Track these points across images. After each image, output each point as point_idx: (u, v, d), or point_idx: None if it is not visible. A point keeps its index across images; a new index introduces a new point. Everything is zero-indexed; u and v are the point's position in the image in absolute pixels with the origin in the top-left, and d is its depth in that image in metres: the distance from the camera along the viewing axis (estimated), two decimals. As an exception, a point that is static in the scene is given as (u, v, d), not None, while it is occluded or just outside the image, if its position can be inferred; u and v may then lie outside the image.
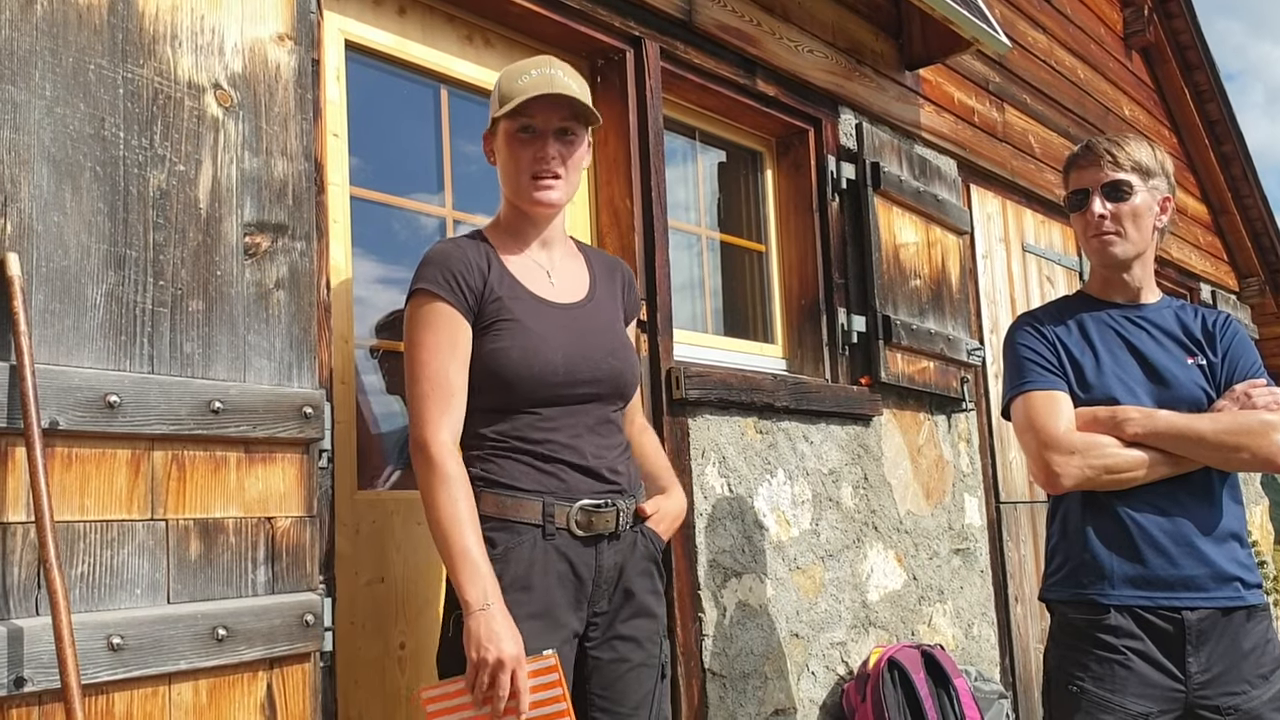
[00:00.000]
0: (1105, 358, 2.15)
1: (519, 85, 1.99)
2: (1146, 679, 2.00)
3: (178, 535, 1.82)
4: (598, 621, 1.99)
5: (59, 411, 1.67)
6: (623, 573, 2.01)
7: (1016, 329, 2.24)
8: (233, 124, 1.98)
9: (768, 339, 3.69)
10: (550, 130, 2.01)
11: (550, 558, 1.91)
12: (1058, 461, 2.05)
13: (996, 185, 4.81)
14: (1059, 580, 2.14)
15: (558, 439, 1.96)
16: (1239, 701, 2.00)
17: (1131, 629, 2.02)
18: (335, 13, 2.44)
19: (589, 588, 1.96)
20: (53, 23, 1.76)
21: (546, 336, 1.97)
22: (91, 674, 1.66)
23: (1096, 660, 2.03)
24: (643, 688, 2.02)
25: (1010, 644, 4.30)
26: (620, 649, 2.00)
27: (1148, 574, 2.03)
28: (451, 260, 1.97)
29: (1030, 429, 2.10)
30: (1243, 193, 7.39)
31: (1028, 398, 2.13)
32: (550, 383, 1.95)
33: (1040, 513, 4.65)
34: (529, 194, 2.02)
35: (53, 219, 1.72)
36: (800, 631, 3.26)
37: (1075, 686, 2.04)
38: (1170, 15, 6.68)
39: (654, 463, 2.25)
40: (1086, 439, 2.06)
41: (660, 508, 2.13)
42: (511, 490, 1.92)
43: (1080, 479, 2.05)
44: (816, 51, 3.72)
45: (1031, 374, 2.15)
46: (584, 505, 1.95)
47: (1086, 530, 2.09)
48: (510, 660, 1.77)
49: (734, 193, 3.77)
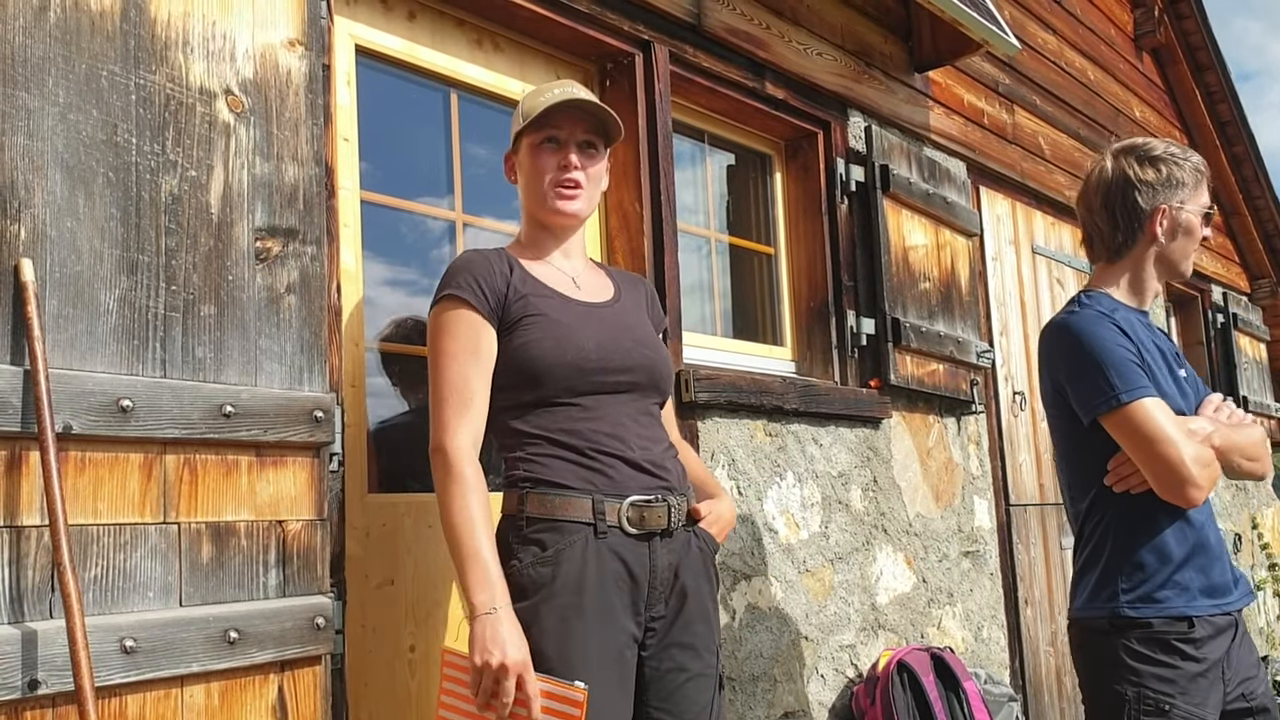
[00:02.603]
0: (1156, 365, 2.10)
1: (542, 100, 2.02)
2: (1215, 686, 2.02)
3: (190, 538, 1.83)
4: (655, 628, 1.93)
5: (72, 416, 1.68)
6: (678, 574, 1.96)
7: (1094, 323, 2.07)
8: (244, 129, 1.99)
9: (777, 342, 3.69)
10: (573, 141, 2.04)
11: (604, 557, 1.87)
12: (1200, 475, 1.98)
13: (1006, 187, 4.80)
14: (1140, 596, 2.03)
15: (600, 428, 1.92)
16: (1254, 686, 2.07)
17: (1208, 639, 2.02)
18: (345, 18, 2.45)
19: (644, 590, 1.91)
20: (66, 30, 1.77)
21: (576, 327, 1.96)
22: (105, 676, 1.67)
23: (1185, 675, 1.99)
24: (702, 698, 1.95)
25: (1020, 647, 4.29)
26: (678, 658, 1.94)
27: (1213, 582, 2.04)
28: (475, 266, 1.98)
29: (1161, 439, 1.97)
30: (1254, 194, 7.37)
31: (1146, 405, 1.99)
32: (585, 369, 1.93)
33: (1050, 515, 4.64)
34: (552, 203, 2.03)
35: (66, 225, 1.74)
36: (809, 634, 3.26)
37: (1167, 704, 1.97)
38: (1181, 16, 6.66)
39: (697, 473, 2.22)
40: (1202, 450, 2.01)
41: (714, 509, 2.10)
42: (558, 488, 1.89)
43: (1209, 491, 2.02)
44: (825, 54, 3.72)
45: (1137, 377, 2.01)
46: (634, 501, 1.90)
47: (1166, 543, 2.03)
48: (513, 666, 1.74)
49: (743, 195, 3.77)
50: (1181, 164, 2.14)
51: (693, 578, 1.98)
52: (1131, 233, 2.15)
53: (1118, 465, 2.06)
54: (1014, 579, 4.33)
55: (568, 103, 2.01)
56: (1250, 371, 7.14)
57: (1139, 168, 2.13)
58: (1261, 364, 7.49)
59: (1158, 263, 2.16)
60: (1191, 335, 6.85)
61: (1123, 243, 2.16)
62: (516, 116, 2.08)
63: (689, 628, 1.96)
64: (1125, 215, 2.14)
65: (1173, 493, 1.98)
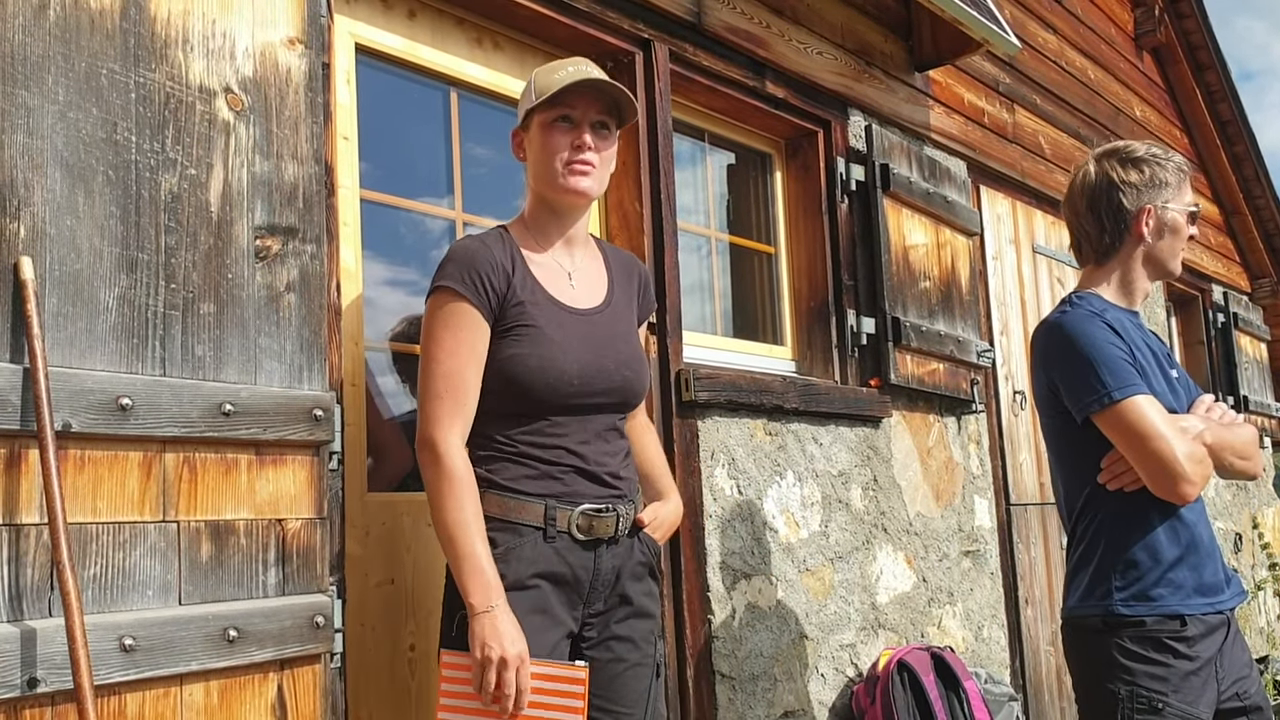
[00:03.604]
0: (1147, 364, 2.11)
1: (557, 78, 2.00)
2: (1208, 684, 2.02)
3: (189, 537, 1.83)
4: (593, 622, 2.01)
5: (72, 414, 1.68)
6: (619, 577, 2.02)
7: (1086, 322, 2.08)
8: (244, 128, 1.99)
9: (777, 341, 3.69)
10: (587, 121, 2.03)
11: (550, 560, 1.93)
12: (1194, 472, 1.99)
13: (1006, 186, 4.80)
14: (1134, 594, 2.04)
15: (565, 445, 1.97)
16: (1248, 685, 2.08)
17: (1201, 637, 2.02)
18: (345, 16, 2.45)
19: (585, 589, 1.98)
20: (65, 28, 1.77)
21: (564, 346, 1.97)
22: (104, 675, 1.67)
23: (1178, 673, 2.00)
24: (639, 686, 2.04)
25: (1020, 646, 4.29)
26: (617, 649, 2.02)
27: (1206, 581, 2.05)
28: (477, 259, 1.96)
29: (1153, 435, 1.98)
30: (1254, 193, 7.37)
31: (1139, 402, 2.00)
32: (563, 393, 1.96)
33: (1050, 515, 4.63)
34: (563, 181, 2.01)
35: (65, 223, 1.74)
36: (809, 633, 3.26)
37: (1160, 702, 1.98)
38: (1181, 15, 6.66)
39: (654, 464, 2.25)
40: (1195, 448, 2.02)
41: (657, 515, 2.16)
42: (515, 493, 1.94)
43: (1201, 488, 2.02)
44: (826, 53, 3.72)
45: (1129, 375, 2.03)
46: (585, 510, 1.96)
47: (1159, 541, 2.04)
48: (514, 659, 1.79)
49: (743, 195, 3.77)
50: (1164, 164, 2.17)
51: (633, 581, 2.05)
52: (1118, 234, 2.17)
53: (1111, 463, 2.07)
54: (1014, 578, 4.33)
55: (583, 82, 1.99)
56: (1250, 371, 7.14)
57: (1122, 170, 2.15)
58: (1262, 363, 7.49)
59: (1146, 262, 2.19)
60: (1192, 335, 6.85)
61: (1110, 244, 2.18)
62: (528, 93, 2.05)
63: (627, 622, 2.03)
64: (1111, 217, 2.16)
65: (1166, 489, 2.00)
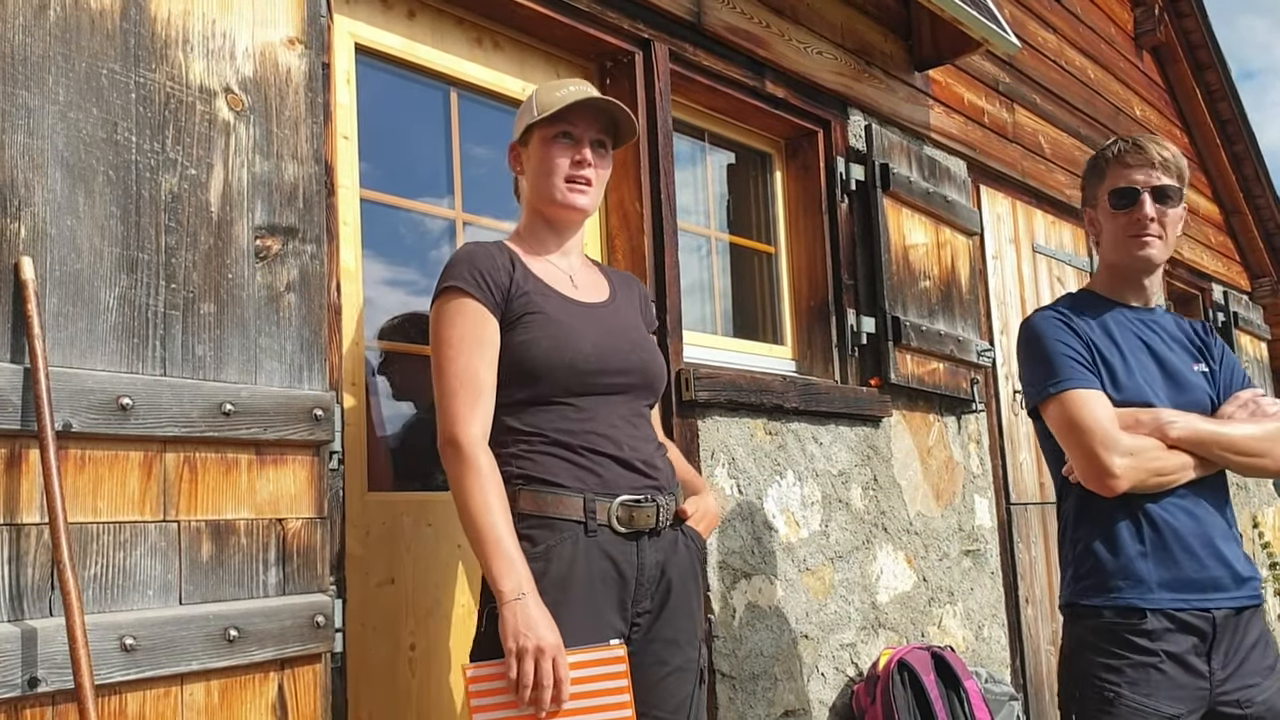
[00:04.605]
0: (1130, 359, 2.13)
1: (559, 95, 2.04)
2: (1177, 681, 2.01)
3: (189, 537, 1.83)
4: (640, 622, 1.96)
5: (72, 414, 1.69)
6: (664, 572, 1.99)
7: (1044, 321, 2.17)
8: (244, 128, 1.99)
9: (777, 340, 3.69)
10: (587, 139, 2.07)
11: (593, 555, 1.89)
12: (1117, 464, 2.00)
13: (1006, 186, 4.80)
14: (1091, 585, 2.09)
15: (594, 429, 1.95)
16: (1254, 694, 2.03)
17: (1165, 632, 2.02)
18: (345, 16, 2.45)
19: (631, 586, 1.93)
20: (66, 28, 1.77)
21: (575, 327, 1.98)
22: (104, 674, 1.67)
23: (1132, 665, 2.01)
24: (681, 691, 1.98)
25: (1021, 646, 4.29)
26: (660, 652, 1.97)
27: (1180, 576, 2.04)
28: (478, 259, 1.98)
29: (1081, 428, 2.03)
30: (1255, 193, 7.37)
31: (1073, 395, 2.05)
32: (581, 370, 1.95)
33: (1050, 514, 4.64)
34: (561, 196, 2.05)
35: (66, 223, 1.74)
36: (810, 633, 3.26)
37: (1111, 692, 2.01)
38: (1181, 14, 6.66)
39: (682, 468, 2.25)
40: (1138, 441, 2.03)
41: (699, 506, 2.13)
42: (550, 486, 1.91)
43: (1135, 481, 2.02)
44: (825, 53, 3.72)
45: (1070, 370, 2.08)
46: (624, 500, 1.93)
47: (1119, 533, 2.06)
48: (550, 648, 1.75)
49: (743, 194, 3.77)
50: (1092, 161, 2.25)
51: (679, 575, 2.01)
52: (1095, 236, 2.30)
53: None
54: (1015, 578, 4.33)
55: (586, 101, 2.03)
56: (1251, 370, 7.14)
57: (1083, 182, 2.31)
58: (1262, 362, 7.50)
59: (1114, 261, 2.23)
60: (1192, 334, 6.84)
61: (1095, 244, 2.33)
62: (528, 109, 2.08)
63: (672, 622, 1.99)
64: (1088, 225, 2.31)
65: (1091, 481, 2.04)
